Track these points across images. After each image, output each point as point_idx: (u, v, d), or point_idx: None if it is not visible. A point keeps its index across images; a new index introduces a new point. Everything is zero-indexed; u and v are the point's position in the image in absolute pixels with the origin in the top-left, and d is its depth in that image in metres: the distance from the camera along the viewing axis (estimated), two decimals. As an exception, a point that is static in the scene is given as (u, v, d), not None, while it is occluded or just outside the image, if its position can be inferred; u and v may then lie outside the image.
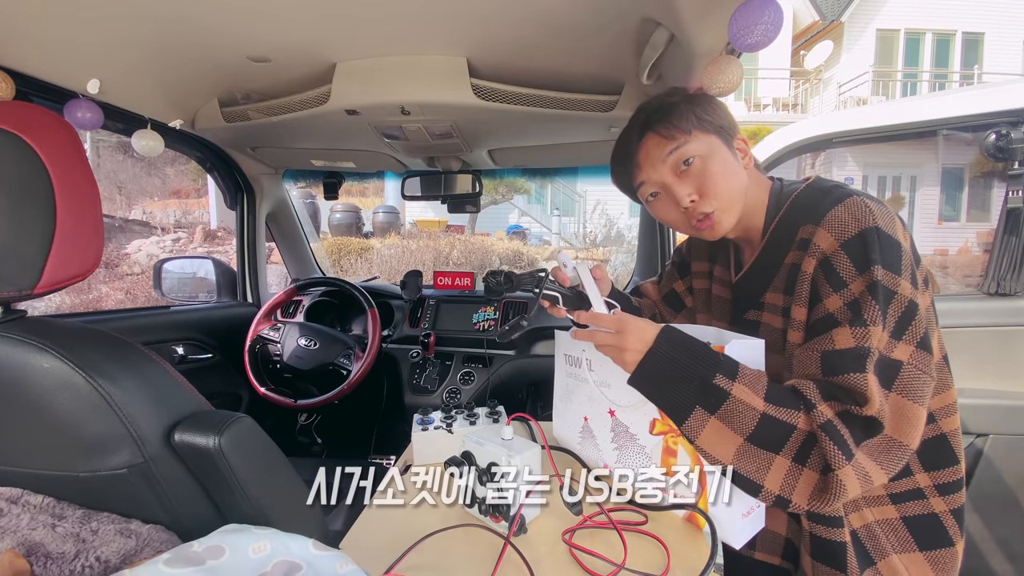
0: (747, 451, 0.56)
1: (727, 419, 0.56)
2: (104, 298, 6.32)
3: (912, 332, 0.57)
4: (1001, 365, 1.23)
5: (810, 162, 9.51)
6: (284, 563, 0.47)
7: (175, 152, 1.49)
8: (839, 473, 0.52)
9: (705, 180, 0.68)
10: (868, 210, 0.60)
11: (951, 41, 10.36)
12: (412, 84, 1.02)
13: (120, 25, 0.87)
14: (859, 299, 0.57)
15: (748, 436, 0.55)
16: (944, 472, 0.67)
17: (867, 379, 0.54)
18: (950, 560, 0.66)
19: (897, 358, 0.57)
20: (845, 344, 0.56)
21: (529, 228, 10.31)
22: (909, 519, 0.67)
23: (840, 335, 0.57)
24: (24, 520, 0.48)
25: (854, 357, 0.55)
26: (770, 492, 0.56)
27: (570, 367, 0.84)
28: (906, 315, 0.57)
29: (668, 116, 0.69)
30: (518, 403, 1.74)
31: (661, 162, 0.70)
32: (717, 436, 0.57)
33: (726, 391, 0.56)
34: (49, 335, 0.51)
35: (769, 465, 0.55)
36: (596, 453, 0.80)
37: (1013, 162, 1.23)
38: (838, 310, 0.59)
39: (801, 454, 0.55)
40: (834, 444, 0.52)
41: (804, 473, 0.55)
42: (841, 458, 0.52)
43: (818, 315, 0.61)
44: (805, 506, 0.55)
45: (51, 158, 0.51)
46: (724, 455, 0.57)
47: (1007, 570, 1.20)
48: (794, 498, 0.55)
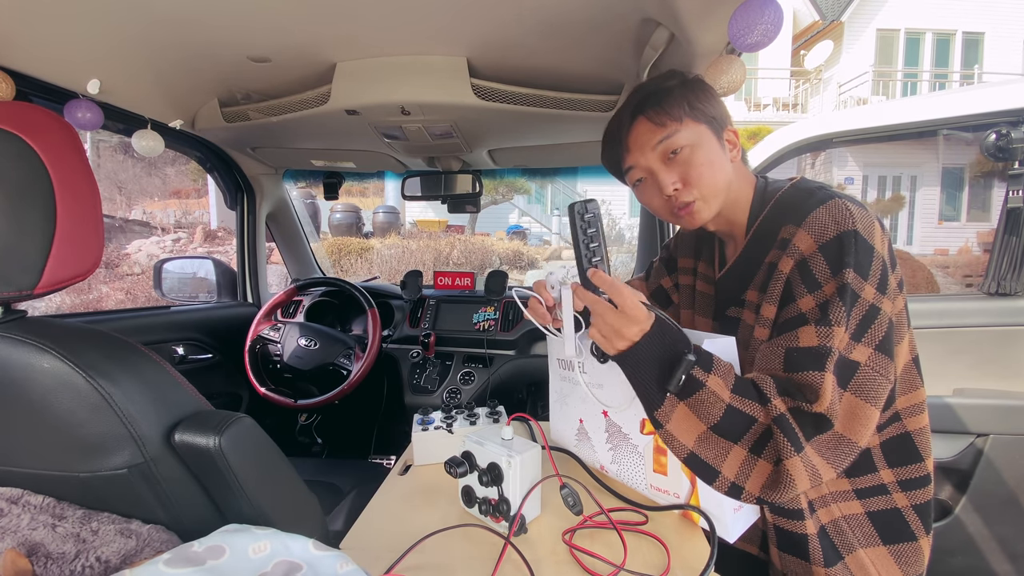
0: (708, 438, 0.58)
1: (695, 407, 0.58)
2: (104, 298, 6.33)
3: (871, 335, 0.58)
4: (1001, 365, 1.23)
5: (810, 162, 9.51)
6: (284, 563, 0.47)
7: (175, 152, 1.49)
8: (788, 465, 0.54)
9: (690, 169, 0.68)
10: (849, 213, 0.60)
11: (951, 41, 10.36)
12: (412, 84, 1.02)
13: (120, 25, 0.87)
14: (830, 300, 0.58)
15: (712, 425, 0.57)
16: (907, 469, 0.69)
17: (823, 377, 0.55)
18: (913, 554, 0.68)
19: (855, 359, 0.58)
20: (809, 342, 0.58)
21: (529, 228, 10.32)
22: (873, 514, 0.69)
23: (805, 333, 0.58)
24: (24, 520, 0.48)
25: (815, 356, 0.57)
26: (726, 479, 0.57)
27: (563, 370, 0.84)
28: (867, 318, 0.58)
29: (661, 101, 0.69)
30: (518, 403, 1.74)
31: (650, 149, 0.70)
32: (684, 422, 0.59)
33: (701, 382, 0.58)
34: (49, 335, 0.51)
35: (727, 453, 0.57)
36: (592, 454, 0.80)
37: (1013, 162, 1.23)
38: (809, 310, 0.60)
39: (757, 445, 0.57)
40: (785, 437, 0.54)
41: (758, 463, 0.56)
42: (791, 450, 0.54)
43: (789, 314, 0.62)
44: (757, 494, 0.57)
45: (51, 158, 0.51)
46: (687, 440, 0.59)
47: (1007, 570, 1.20)
48: (747, 486, 0.57)
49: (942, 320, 1.26)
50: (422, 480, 0.80)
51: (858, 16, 10.26)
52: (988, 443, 1.17)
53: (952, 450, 1.19)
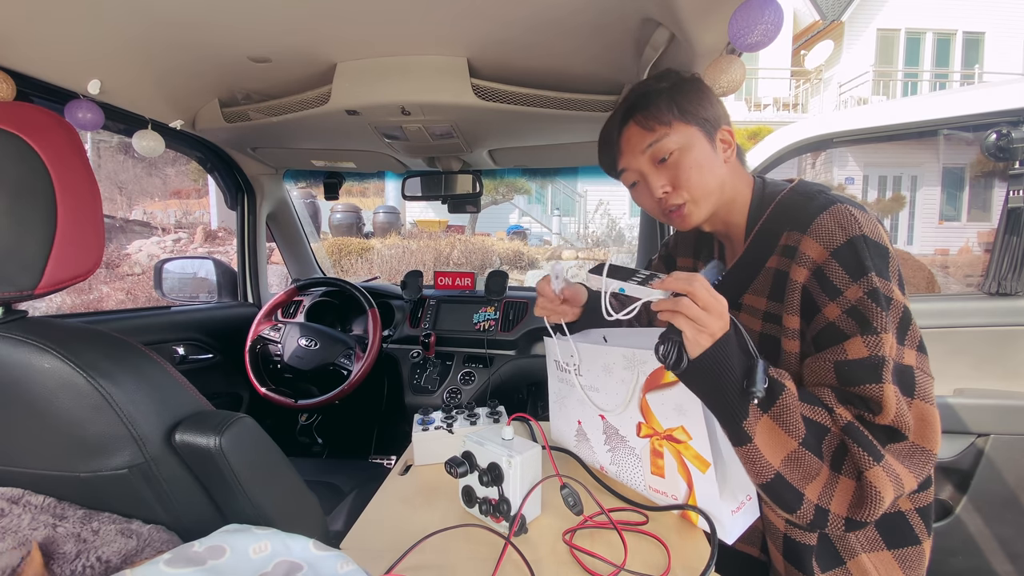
0: (798, 457, 0.52)
1: (780, 417, 0.53)
2: (105, 298, 6.33)
3: (911, 336, 0.58)
4: (1002, 365, 1.23)
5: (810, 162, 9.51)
6: (285, 563, 0.47)
7: (176, 152, 1.50)
8: (870, 476, 0.50)
9: (679, 172, 0.68)
10: (853, 218, 0.60)
11: (952, 40, 10.35)
12: (412, 84, 1.02)
13: (120, 26, 0.87)
14: (859, 306, 0.57)
15: (802, 440, 0.52)
16: None
17: (883, 389, 0.53)
18: (917, 558, 0.67)
19: (907, 363, 0.57)
20: (858, 354, 0.56)
21: (529, 228, 10.31)
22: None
23: (852, 345, 0.56)
24: (25, 520, 0.48)
25: (869, 367, 0.55)
26: (810, 503, 0.53)
27: (560, 372, 0.84)
28: (904, 320, 0.58)
29: (649, 105, 0.69)
30: (518, 403, 1.74)
31: (640, 152, 0.70)
32: (771, 437, 0.53)
33: (782, 384, 0.53)
34: (50, 335, 0.51)
35: (817, 473, 0.52)
36: (591, 455, 0.80)
37: (1014, 162, 1.23)
38: (838, 318, 0.59)
39: (836, 460, 0.53)
40: (860, 448, 0.51)
41: (840, 481, 0.53)
42: (870, 460, 0.51)
43: (819, 325, 0.61)
44: (844, 515, 0.52)
45: (52, 159, 0.51)
46: (775, 458, 0.53)
47: (1008, 570, 1.20)
48: (833, 508, 0.52)
49: (943, 320, 1.26)
50: (422, 480, 0.80)
51: (858, 16, 10.25)
52: (989, 443, 1.17)
53: (953, 450, 1.19)
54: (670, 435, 0.65)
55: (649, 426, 0.68)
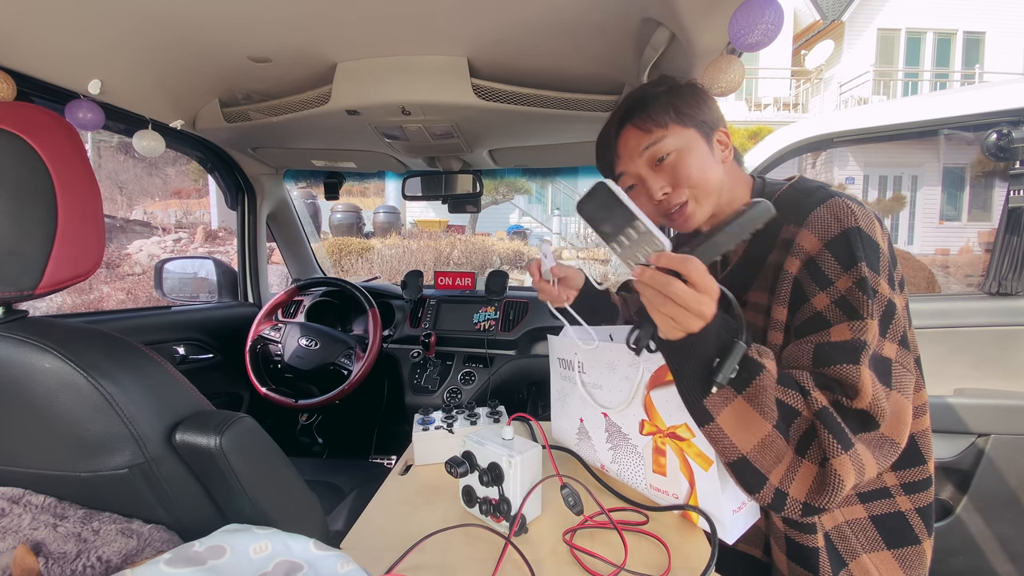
0: (771, 441, 0.51)
1: (754, 399, 0.52)
2: (105, 298, 6.33)
3: (894, 330, 0.58)
4: (1002, 365, 1.23)
5: (810, 162, 9.50)
6: (285, 563, 0.47)
7: (176, 152, 1.50)
8: (835, 463, 0.50)
9: (678, 171, 0.68)
10: (850, 211, 0.60)
11: (952, 40, 10.34)
12: (412, 84, 1.02)
13: (121, 25, 0.87)
14: (847, 295, 0.57)
15: (776, 423, 0.51)
16: (911, 471, 0.68)
17: (860, 371, 0.53)
18: (917, 558, 0.67)
19: (886, 355, 0.57)
20: (841, 337, 0.56)
21: (530, 228, 10.31)
22: (876, 518, 0.68)
23: (837, 329, 0.57)
24: (26, 520, 0.49)
25: (849, 349, 0.55)
26: (771, 486, 0.53)
27: (563, 370, 0.84)
28: (887, 313, 0.58)
29: (646, 108, 0.69)
30: (519, 403, 1.74)
31: (638, 155, 0.70)
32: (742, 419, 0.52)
33: (760, 363, 0.52)
34: (50, 335, 0.51)
35: (782, 457, 0.52)
36: (593, 453, 0.80)
37: (1014, 161, 1.23)
38: (826, 308, 0.59)
39: (802, 445, 0.53)
40: (831, 434, 0.51)
41: (803, 465, 0.52)
42: (838, 448, 0.51)
43: (806, 314, 0.61)
44: (803, 500, 0.52)
45: (52, 158, 0.51)
46: (743, 442, 0.52)
47: (1008, 570, 1.20)
48: (792, 492, 0.52)
49: (943, 320, 1.26)
50: (423, 480, 0.81)
51: (859, 16, 10.25)
52: (989, 443, 1.17)
53: (953, 450, 1.19)
54: (673, 432, 0.65)
55: (652, 423, 0.68)
